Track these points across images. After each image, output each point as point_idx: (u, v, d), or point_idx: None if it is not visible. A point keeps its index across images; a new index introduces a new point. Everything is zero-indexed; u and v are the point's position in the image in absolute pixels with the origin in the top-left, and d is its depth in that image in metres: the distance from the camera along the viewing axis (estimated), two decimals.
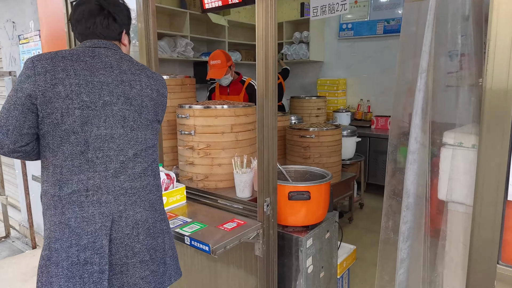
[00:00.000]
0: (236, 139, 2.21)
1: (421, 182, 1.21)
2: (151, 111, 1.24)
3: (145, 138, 1.23)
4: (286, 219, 1.79)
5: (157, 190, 1.27)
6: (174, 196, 1.85)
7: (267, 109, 1.59)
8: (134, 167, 1.19)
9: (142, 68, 1.27)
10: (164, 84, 1.32)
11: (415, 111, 1.18)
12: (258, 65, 1.57)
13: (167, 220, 1.35)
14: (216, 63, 3.17)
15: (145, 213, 1.21)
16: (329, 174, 1.88)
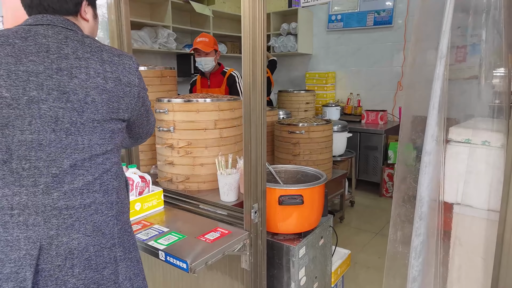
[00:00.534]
0: (220, 136, 2.01)
1: (436, 188, 1.04)
2: (103, 107, 0.97)
3: (90, 144, 0.96)
4: (276, 226, 1.60)
5: (108, 208, 1.02)
6: (149, 202, 1.64)
7: (254, 104, 1.40)
8: (73, 181, 0.95)
9: (98, 50, 0.99)
10: (133, 69, 1.04)
11: (432, 104, 1.00)
12: (244, 54, 1.37)
13: (128, 243, 1.08)
14: (203, 40, 2.97)
15: (85, 240, 0.97)
16: (324, 175, 1.70)
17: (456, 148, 1.32)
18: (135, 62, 1.06)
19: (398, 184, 1.13)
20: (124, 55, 1.04)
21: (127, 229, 1.09)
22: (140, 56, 4.52)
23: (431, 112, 1.02)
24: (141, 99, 1.09)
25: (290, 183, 1.88)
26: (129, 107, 1.05)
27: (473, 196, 1.22)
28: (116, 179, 1.05)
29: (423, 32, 1.14)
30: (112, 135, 1.01)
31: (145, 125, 1.20)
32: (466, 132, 1.35)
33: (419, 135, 1.09)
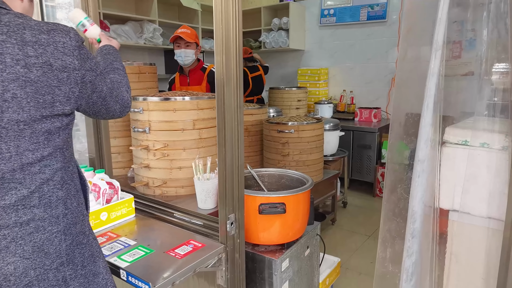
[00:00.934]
0: (200, 137, 1.86)
1: (430, 199, 0.90)
2: (29, 104, 0.78)
3: (18, 151, 0.79)
4: (257, 237, 1.47)
5: (52, 224, 0.86)
6: (117, 210, 1.49)
7: (229, 100, 1.25)
8: (3, 197, 0.79)
9: (18, 29, 0.78)
10: (69, 47, 0.83)
11: (426, 103, 0.86)
12: (216, 42, 1.22)
13: (81, 257, 0.94)
14: (185, 30, 2.78)
15: (23, 263, 0.82)
16: (309, 180, 1.56)
17: (452, 150, 1.19)
18: (73, 38, 0.85)
19: (388, 195, 0.99)
20: (56, 30, 0.82)
21: (81, 241, 0.93)
22: (126, 52, 4.35)
23: (425, 113, 0.88)
24: (88, 84, 0.90)
25: (274, 188, 1.74)
26: (71, 97, 0.85)
27: (471, 205, 1.10)
28: (62, 188, 0.88)
29: (416, 23, 1.01)
30: (48, 137, 0.83)
31: (103, 113, 1.02)
32: (464, 132, 1.22)
33: (411, 139, 0.95)
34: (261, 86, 4.60)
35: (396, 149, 0.99)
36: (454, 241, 1.01)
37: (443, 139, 1.24)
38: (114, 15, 3.90)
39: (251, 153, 3.03)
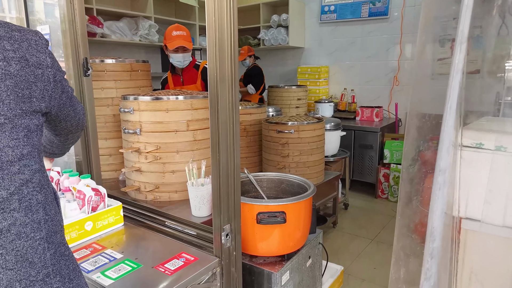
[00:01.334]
0: (194, 139, 1.75)
1: (450, 216, 0.79)
2: (9, 97, 0.75)
3: None
4: (255, 247, 1.36)
5: (35, 230, 0.78)
6: (104, 219, 1.38)
7: (223, 98, 1.14)
8: None
9: None
10: (41, 45, 0.82)
11: (448, 105, 0.75)
12: (208, 35, 1.10)
13: (67, 269, 0.85)
14: (181, 34, 2.64)
15: (7, 275, 0.74)
16: (311, 186, 1.45)
17: (467, 154, 1.08)
18: (42, 37, 0.84)
19: (402, 209, 0.88)
20: (26, 30, 0.82)
21: (64, 252, 0.85)
22: (121, 49, 4.23)
23: (448, 115, 0.77)
24: (59, 83, 0.87)
25: (273, 194, 1.63)
26: (45, 94, 0.83)
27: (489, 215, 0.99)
28: (41, 192, 0.81)
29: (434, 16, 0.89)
30: (28, 134, 0.78)
31: (72, 116, 1.00)
32: (477, 135, 1.11)
33: (429, 145, 0.84)
34: (261, 80, 4.54)
35: (411, 158, 0.88)
36: (474, 255, 0.90)
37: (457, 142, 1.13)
38: (108, 11, 3.78)
39: (249, 154, 2.92)
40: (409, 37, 4.35)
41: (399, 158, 3.92)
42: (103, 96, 2.07)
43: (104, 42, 3.85)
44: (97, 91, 2.05)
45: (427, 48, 0.92)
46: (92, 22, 3.45)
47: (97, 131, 2.08)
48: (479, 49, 1.35)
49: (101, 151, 2.11)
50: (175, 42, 2.60)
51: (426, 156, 0.85)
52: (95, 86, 2.04)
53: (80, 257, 1.21)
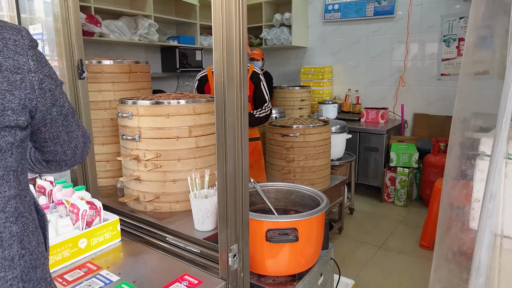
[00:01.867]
0: (197, 145, 1.64)
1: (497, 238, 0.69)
2: None
3: None
4: (263, 266, 1.25)
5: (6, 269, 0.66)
6: (100, 236, 1.27)
7: (231, 101, 1.03)
8: None
9: None
10: (22, 46, 0.68)
11: (503, 120, 0.64)
12: (215, 35, 0.99)
13: None
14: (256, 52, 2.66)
15: None
16: (324, 199, 1.34)
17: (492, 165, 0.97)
18: (26, 37, 0.69)
19: (441, 236, 0.78)
20: (5, 27, 0.67)
21: None
22: (120, 49, 4.12)
23: (501, 133, 0.65)
24: (48, 93, 0.72)
25: (282, 205, 1.52)
26: (26, 105, 0.68)
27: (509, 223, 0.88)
28: (17, 222, 0.68)
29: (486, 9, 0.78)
30: (6, 147, 0.65)
31: (64, 140, 0.82)
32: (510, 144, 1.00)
33: (471, 164, 0.74)
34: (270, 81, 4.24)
35: (453, 177, 0.77)
36: None
37: (479, 150, 1.02)
38: (107, 10, 3.66)
39: None
40: (415, 36, 4.25)
41: (405, 161, 3.82)
42: (100, 99, 1.96)
43: (103, 42, 3.74)
44: (94, 93, 1.94)
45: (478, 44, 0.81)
46: (90, 21, 3.34)
47: (94, 136, 1.97)
48: (487, 50, 1.26)
49: (98, 157, 2.01)
50: None
51: (469, 176, 0.74)
52: (92, 89, 1.93)
53: (73, 279, 1.10)
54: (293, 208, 1.51)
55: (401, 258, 2.81)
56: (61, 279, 1.10)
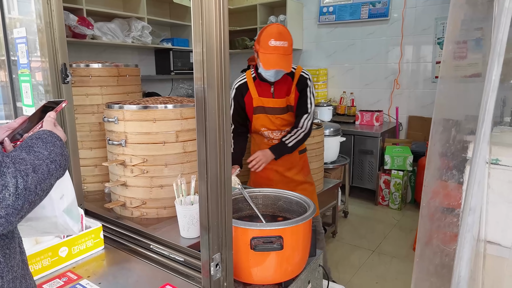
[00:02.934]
0: (184, 150, 1.62)
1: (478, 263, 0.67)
2: None
3: None
4: (249, 274, 1.22)
5: None
6: (82, 244, 1.24)
7: (212, 104, 1.00)
8: None
9: None
10: None
11: (481, 131, 0.62)
12: (195, 31, 0.96)
13: None
14: (281, 45, 1.85)
15: None
16: (310, 206, 1.32)
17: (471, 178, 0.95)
18: None
19: (421, 250, 0.75)
20: None
21: None
22: (113, 51, 4.09)
23: (480, 145, 0.63)
24: None
25: (269, 211, 1.50)
26: None
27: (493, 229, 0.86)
28: None
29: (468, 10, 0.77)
30: None
31: None
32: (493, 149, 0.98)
33: (452, 174, 0.72)
34: None
35: (431, 189, 0.75)
36: None
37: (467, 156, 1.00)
38: (99, 12, 3.64)
39: (243, 161, 2.79)
40: (410, 39, 4.24)
41: (400, 164, 3.80)
42: (88, 103, 1.94)
43: (95, 44, 3.71)
44: (81, 97, 1.91)
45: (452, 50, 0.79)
46: (81, 23, 3.31)
47: (82, 140, 1.95)
48: (479, 52, 1.25)
49: (86, 161, 1.98)
50: (271, 59, 1.86)
51: (449, 187, 0.72)
52: (79, 93, 1.90)
53: None
54: (280, 215, 1.48)
55: (394, 263, 2.79)
56: None
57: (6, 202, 0.60)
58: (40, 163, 0.68)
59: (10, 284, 0.67)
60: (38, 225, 0.86)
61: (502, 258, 0.90)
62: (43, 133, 0.76)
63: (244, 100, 2.09)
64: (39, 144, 0.72)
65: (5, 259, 0.67)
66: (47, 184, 0.69)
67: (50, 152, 0.72)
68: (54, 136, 0.77)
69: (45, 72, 1.48)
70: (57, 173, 0.73)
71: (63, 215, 0.87)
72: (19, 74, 1.60)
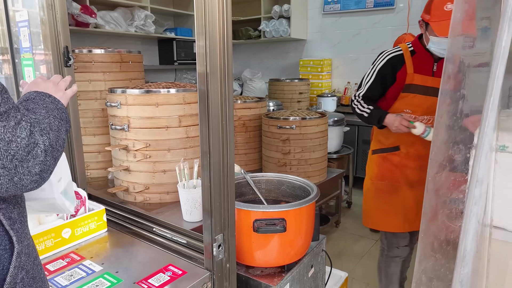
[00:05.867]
0: (187, 135, 1.61)
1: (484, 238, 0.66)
2: None
3: None
4: (252, 257, 1.22)
5: None
6: (84, 226, 1.24)
7: (214, 91, 1.00)
8: None
9: None
10: None
11: (491, 99, 0.60)
12: (197, 23, 0.95)
13: None
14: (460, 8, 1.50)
15: None
16: (313, 189, 1.31)
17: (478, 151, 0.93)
18: None
19: (426, 226, 0.74)
20: None
21: None
22: (116, 40, 4.08)
23: (489, 113, 0.62)
24: None
25: (273, 196, 1.49)
26: None
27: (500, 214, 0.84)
28: None
29: None
30: None
31: None
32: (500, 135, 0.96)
33: (459, 148, 0.70)
34: None
35: (439, 165, 0.74)
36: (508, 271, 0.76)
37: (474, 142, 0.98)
38: (102, 1, 3.62)
39: (248, 150, 2.79)
40: (416, 28, 4.18)
41: None
42: (91, 89, 1.93)
43: (98, 33, 3.70)
44: (84, 83, 1.91)
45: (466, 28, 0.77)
46: (84, 11, 3.30)
47: (85, 127, 1.95)
48: (487, 41, 1.23)
49: (89, 148, 1.98)
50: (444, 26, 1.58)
51: (456, 162, 0.71)
52: (82, 78, 1.90)
53: (55, 269, 1.08)
54: (284, 199, 1.48)
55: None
56: None
57: (39, 158, 0.64)
58: (49, 121, 0.71)
59: (26, 250, 0.69)
60: (36, 205, 0.88)
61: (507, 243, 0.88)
62: (30, 94, 0.79)
63: (396, 75, 1.81)
64: (33, 106, 0.74)
65: (21, 226, 0.69)
66: (61, 139, 0.72)
67: (47, 110, 0.74)
68: (42, 94, 0.79)
69: (48, 58, 1.47)
70: (62, 126, 0.75)
71: (60, 197, 0.89)
72: (22, 58, 1.59)
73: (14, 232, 0.67)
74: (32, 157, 0.63)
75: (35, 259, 0.74)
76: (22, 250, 0.68)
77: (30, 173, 0.63)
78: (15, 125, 0.61)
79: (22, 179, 0.62)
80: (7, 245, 0.67)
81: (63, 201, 0.90)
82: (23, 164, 0.61)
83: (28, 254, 0.70)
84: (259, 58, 5.48)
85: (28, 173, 0.62)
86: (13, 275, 0.66)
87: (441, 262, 0.72)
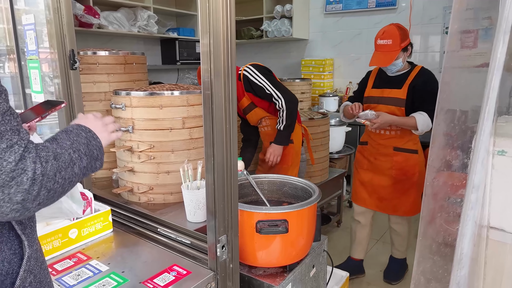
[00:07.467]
0: (190, 137, 1.64)
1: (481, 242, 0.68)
2: None
3: None
4: (254, 257, 1.24)
5: None
6: (91, 226, 1.27)
7: (219, 94, 1.02)
8: None
9: None
10: None
11: (486, 108, 0.62)
12: (201, 22, 0.98)
13: None
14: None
15: None
16: (315, 191, 1.33)
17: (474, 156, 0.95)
18: None
19: (425, 229, 0.76)
20: None
21: None
22: (119, 41, 4.11)
23: (485, 122, 0.64)
24: None
25: (275, 197, 1.52)
26: None
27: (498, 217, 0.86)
28: None
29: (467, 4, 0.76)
30: None
31: None
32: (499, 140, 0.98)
33: (456, 154, 0.72)
34: None
35: (437, 170, 0.76)
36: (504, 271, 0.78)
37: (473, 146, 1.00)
38: (105, 1, 3.65)
39: None
40: (417, 28, 4.19)
41: None
42: (95, 91, 1.95)
43: (101, 34, 3.72)
44: (88, 85, 1.93)
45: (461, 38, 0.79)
46: (88, 12, 3.32)
47: None
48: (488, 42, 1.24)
49: None
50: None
51: (453, 167, 0.73)
52: (87, 80, 1.92)
53: (63, 269, 1.10)
54: (286, 200, 1.50)
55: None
56: (51, 269, 1.10)
57: (23, 186, 0.59)
58: (62, 152, 0.68)
59: (35, 254, 0.72)
60: (45, 211, 0.89)
61: (505, 244, 0.90)
62: (70, 126, 0.79)
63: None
64: (62, 136, 0.73)
65: (31, 231, 0.72)
66: (69, 173, 0.68)
67: (72, 142, 0.73)
68: (81, 128, 0.78)
69: (54, 57, 1.50)
70: (81, 162, 0.72)
71: (67, 200, 0.90)
72: (28, 61, 1.62)
73: (25, 236, 0.70)
74: (16, 183, 0.58)
75: (42, 263, 0.76)
76: (32, 255, 0.70)
77: (11, 201, 0.58)
78: (5, 148, 0.58)
79: (2, 206, 0.58)
80: (17, 249, 0.70)
81: (70, 204, 0.92)
82: (4, 190, 0.57)
83: (36, 258, 0.73)
84: (261, 58, 5.49)
85: (8, 200, 0.58)
86: (23, 278, 0.68)
87: (439, 264, 0.74)
